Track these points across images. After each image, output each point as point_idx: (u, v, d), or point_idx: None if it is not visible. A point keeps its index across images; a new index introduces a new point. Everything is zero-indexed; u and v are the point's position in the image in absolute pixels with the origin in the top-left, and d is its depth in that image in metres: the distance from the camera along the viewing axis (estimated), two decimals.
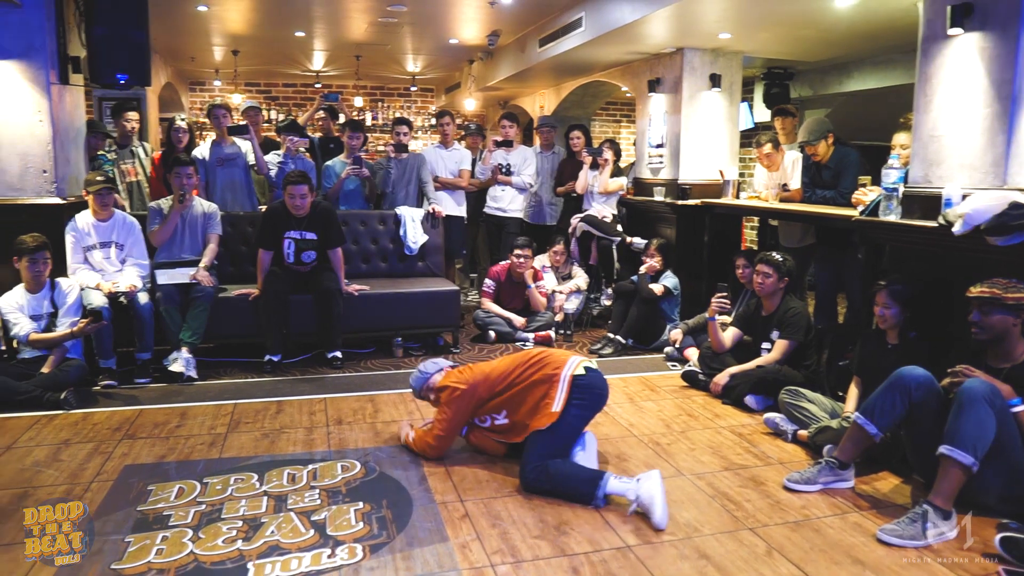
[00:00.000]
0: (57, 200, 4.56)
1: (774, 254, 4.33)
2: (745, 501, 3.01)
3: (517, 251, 5.51)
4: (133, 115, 5.83)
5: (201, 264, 4.84)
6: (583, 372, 3.17)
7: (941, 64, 3.55)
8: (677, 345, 5.13)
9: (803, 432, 3.61)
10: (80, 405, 4.03)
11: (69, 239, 4.52)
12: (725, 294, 4.48)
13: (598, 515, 2.86)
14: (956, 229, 3.23)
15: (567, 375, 3.15)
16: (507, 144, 6.61)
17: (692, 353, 4.87)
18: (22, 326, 4.17)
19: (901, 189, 3.72)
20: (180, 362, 4.54)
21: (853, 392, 3.65)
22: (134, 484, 3.08)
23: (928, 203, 3.55)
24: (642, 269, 5.60)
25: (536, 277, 5.65)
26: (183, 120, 5.78)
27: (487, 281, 5.71)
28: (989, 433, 2.68)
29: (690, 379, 4.59)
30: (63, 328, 4.22)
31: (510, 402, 3.24)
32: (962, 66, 3.45)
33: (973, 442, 2.66)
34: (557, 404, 3.10)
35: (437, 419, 3.37)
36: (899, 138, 4.38)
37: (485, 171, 6.71)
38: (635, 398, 4.34)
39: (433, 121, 11.20)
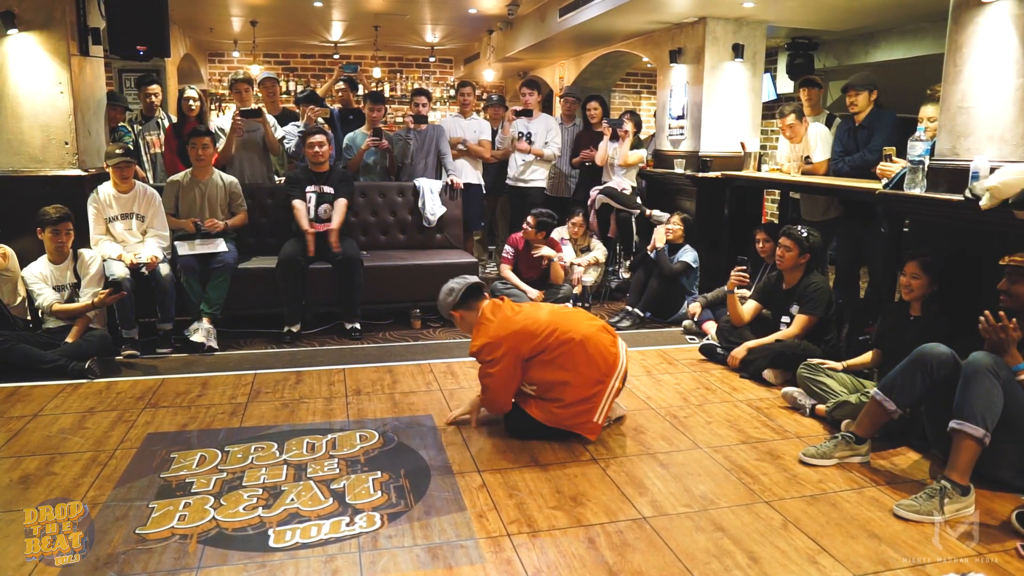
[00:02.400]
0: (79, 172, 4.60)
1: (799, 228, 4.26)
2: (762, 474, 3.01)
3: (529, 218, 5.47)
4: (154, 88, 5.89)
5: (221, 221, 4.95)
6: (621, 385, 3.30)
7: (973, 32, 3.46)
8: (695, 318, 5.11)
9: (821, 407, 3.59)
10: (104, 374, 4.10)
11: (91, 210, 4.57)
12: (744, 267, 4.43)
13: (615, 487, 2.88)
14: (983, 203, 3.17)
15: (614, 387, 3.24)
16: (527, 113, 6.56)
17: (710, 326, 4.85)
18: (45, 296, 4.23)
19: (927, 162, 3.65)
20: (201, 332, 4.60)
21: (865, 358, 3.68)
22: (157, 452, 3.14)
23: (955, 176, 3.49)
24: (665, 235, 5.54)
25: (555, 248, 5.60)
26: (193, 90, 5.79)
27: (506, 247, 5.69)
28: (997, 403, 2.66)
29: (708, 352, 4.57)
30: (85, 299, 4.28)
31: (544, 381, 3.22)
32: (995, 34, 3.35)
33: (982, 413, 2.64)
34: (599, 416, 3.21)
35: (484, 381, 3.29)
36: (926, 110, 4.29)
37: (505, 141, 6.66)
38: (653, 371, 4.34)
39: (452, 92, 11.13)
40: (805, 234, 4.21)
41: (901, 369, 2.96)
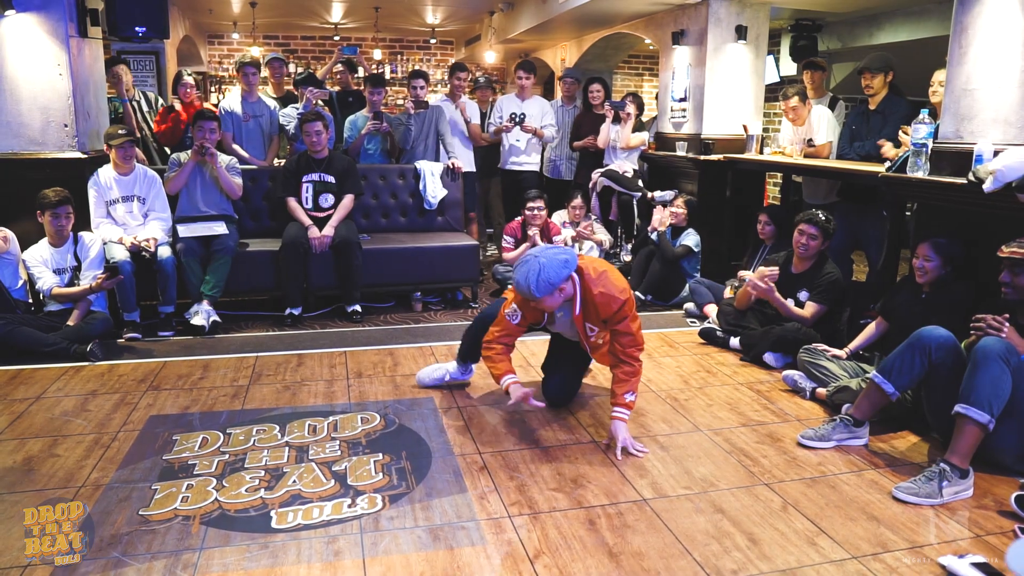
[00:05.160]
0: (78, 154, 4.58)
1: (819, 214, 4.16)
2: (762, 457, 3.02)
3: (530, 204, 5.47)
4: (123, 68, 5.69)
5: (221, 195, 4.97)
6: None
7: (979, 13, 3.43)
8: (711, 324, 4.76)
9: (821, 390, 3.60)
10: (106, 357, 4.11)
11: (92, 193, 4.56)
12: (775, 267, 4.23)
13: (615, 468, 2.89)
14: (986, 186, 3.16)
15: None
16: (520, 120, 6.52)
17: (711, 309, 4.85)
18: (45, 280, 4.24)
19: (930, 145, 3.63)
20: (201, 315, 4.60)
21: (868, 330, 3.70)
22: (160, 434, 3.15)
23: (958, 159, 3.47)
24: (666, 218, 5.52)
25: (552, 232, 5.60)
26: (190, 75, 5.76)
27: (505, 237, 5.69)
28: (1004, 391, 2.66)
29: (708, 336, 4.57)
30: (86, 282, 4.28)
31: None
32: (1001, 16, 3.32)
33: (988, 399, 2.64)
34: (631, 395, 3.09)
35: (635, 334, 3.08)
36: (938, 75, 4.22)
37: (495, 123, 6.64)
38: (654, 354, 4.34)
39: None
40: (825, 219, 4.12)
41: (900, 352, 2.97)
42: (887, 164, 3.95)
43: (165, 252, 4.56)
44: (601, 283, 3.02)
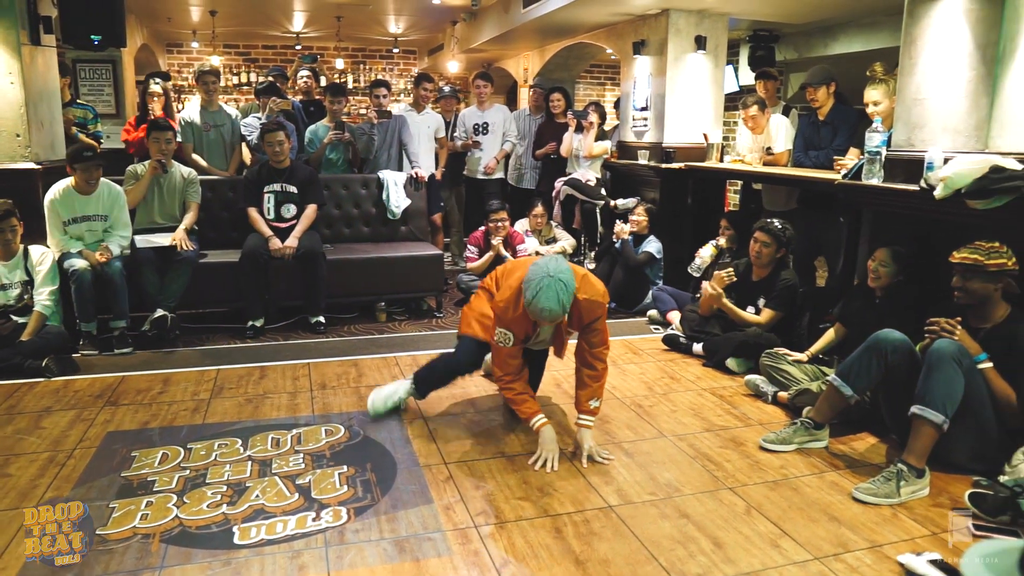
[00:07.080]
0: (31, 165, 4.47)
1: (775, 222, 4.20)
2: (725, 461, 3.06)
3: (492, 215, 5.47)
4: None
5: (180, 227, 4.79)
6: None
7: (927, 26, 3.53)
8: (674, 330, 4.81)
9: (783, 394, 3.65)
10: (61, 372, 4.00)
11: (49, 215, 4.40)
12: (731, 270, 4.33)
13: (581, 476, 2.90)
14: (937, 193, 3.25)
15: None
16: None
17: (674, 316, 4.90)
18: None
19: (884, 153, 3.72)
20: (159, 313, 4.52)
21: (828, 336, 3.77)
22: (117, 450, 3.08)
23: (911, 167, 3.56)
24: (628, 227, 5.57)
25: (515, 241, 5.61)
26: (157, 84, 5.67)
27: (469, 248, 5.69)
28: (958, 392, 2.74)
29: (671, 342, 4.62)
30: (40, 298, 4.16)
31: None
32: (947, 28, 3.43)
33: (943, 401, 2.71)
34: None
35: (605, 331, 3.11)
36: (870, 94, 4.26)
37: (462, 137, 6.68)
38: (617, 361, 4.37)
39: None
40: (781, 227, 4.17)
41: (857, 355, 3.03)
42: (843, 172, 4.03)
43: (116, 264, 4.41)
44: (584, 289, 2.99)
